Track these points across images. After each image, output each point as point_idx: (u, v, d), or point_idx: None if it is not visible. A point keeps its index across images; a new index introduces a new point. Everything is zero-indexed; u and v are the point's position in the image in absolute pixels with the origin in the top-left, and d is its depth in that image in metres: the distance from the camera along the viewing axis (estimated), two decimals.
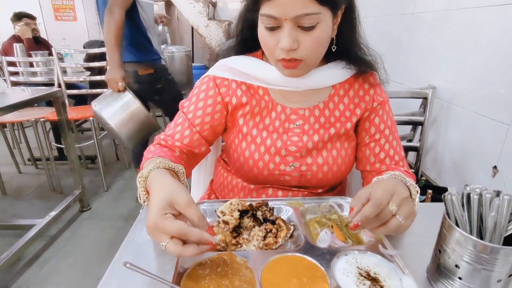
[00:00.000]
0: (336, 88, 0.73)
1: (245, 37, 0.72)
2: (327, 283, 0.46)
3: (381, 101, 0.73)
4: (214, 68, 0.75)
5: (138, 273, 0.44)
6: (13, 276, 1.55)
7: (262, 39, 0.64)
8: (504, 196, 0.44)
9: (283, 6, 0.56)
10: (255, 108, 0.71)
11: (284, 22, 0.58)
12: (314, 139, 0.70)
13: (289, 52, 0.60)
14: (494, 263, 0.42)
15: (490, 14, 0.96)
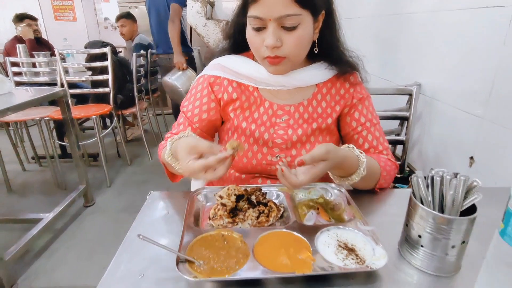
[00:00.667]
0: (319, 87, 0.80)
1: (236, 39, 0.80)
2: (310, 252, 0.53)
3: (360, 98, 0.81)
4: (208, 67, 0.83)
5: (149, 243, 0.52)
6: (22, 266, 1.63)
7: (249, 39, 0.72)
8: (461, 177, 0.52)
9: (268, 8, 0.64)
10: (245, 103, 0.79)
11: (269, 23, 0.66)
12: (298, 132, 0.78)
13: (273, 50, 0.68)
14: (449, 232, 0.50)
15: (469, 17, 1.04)
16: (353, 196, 0.70)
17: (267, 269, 0.49)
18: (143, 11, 4.07)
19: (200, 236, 0.57)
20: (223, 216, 0.62)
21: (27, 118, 2.34)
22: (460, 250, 0.51)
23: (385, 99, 1.50)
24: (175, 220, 0.66)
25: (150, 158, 2.98)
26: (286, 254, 0.53)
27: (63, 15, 4.65)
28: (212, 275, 0.49)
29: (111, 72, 2.50)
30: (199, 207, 0.68)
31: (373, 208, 0.73)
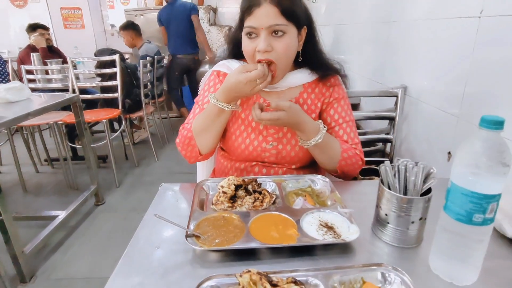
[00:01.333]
0: (305, 87, 0.94)
1: (234, 52, 0.95)
2: (295, 229, 0.64)
3: (336, 97, 0.94)
4: (216, 65, 0.98)
5: (163, 222, 0.64)
6: (40, 260, 1.75)
7: (244, 47, 0.85)
8: (420, 165, 0.63)
9: (260, 19, 0.79)
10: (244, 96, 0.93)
11: (261, 31, 0.80)
12: None
13: (264, 54, 0.81)
14: (410, 210, 0.61)
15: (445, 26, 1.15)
16: (337, 186, 0.81)
17: (259, 242, 0.61)
18: (149, 19, 4.23)
19: (204, 217, 0.68)
20: (224, 201, 0.73)
21: (42, 122, 2.48)
22: (419, 225, 0.62)
23: (377, 100, 1.61)
24: (183, 205, 0.78)
25: (157, 159, 3.10)
26: (276, 230, 0.64)
27: (72, 23, 4.82)
28: (214, 246, 0.60)
29: (119, 78, 2.63)
30: (203, 195, 0.79)
31: (353, 196, 0.83)
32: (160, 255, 0.61)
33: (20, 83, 1.92)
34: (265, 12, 0.78)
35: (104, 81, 2.72)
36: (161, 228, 0.68)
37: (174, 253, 0.61)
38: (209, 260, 0.60)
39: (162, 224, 0.67)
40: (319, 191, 0.81)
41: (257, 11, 0.79)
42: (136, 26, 3.54)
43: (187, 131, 0.91)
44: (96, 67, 2.85)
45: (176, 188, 0.87)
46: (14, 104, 1.83)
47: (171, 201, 0.80)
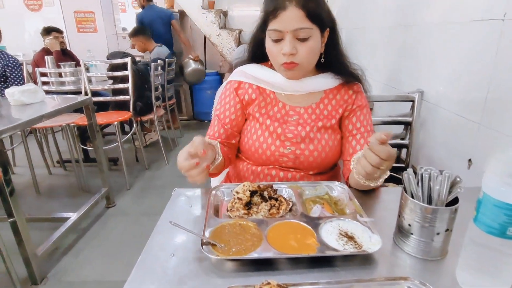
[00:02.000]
0: (326, 93, 0.92)
1: (254, 52, 0.95)
2: (314, 238, 0.62)
3: (359, 105, 0.91)
4: (233, 74, 0.98)
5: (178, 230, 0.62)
6: (52, 263, 1.76)
7: (268, 49, 0.85)
8: (445, 174, 0.60)
9: (285, 22, 0.78)
10: (262, 102, 0.93)
11: (286, 34, 0.80)
12: (306, 129, 0.90)
13: (289, 56, 0.81)
14: (434, 220, 0.58)
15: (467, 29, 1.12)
16: (355, 193, 0.79)
17: (278, 251, 0.59)
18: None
19: (220, 224, 0.66)
20: (239, 208, 0.72)
21: (55, 125, 2.51)
22: (445, 237, 0.59)
23: (391, 105, 1.57)
24: (197, 212, 0.76)
25: (167, 162, 3.11)
26: (294, 239, 0.62)
27: (85, 26, 4.90)
28: (231, 255, 0.58)
29: (131, 81, 2.65)
30: (218, 201, 0.78)
31: (372, 204, 0.81)
32: (175, 263, 0.59)
33: (34, 86, 1.95)
34: (291, 15, 0.78)
35: (116, 83, 2.75)
36: (176, 235, 0.66)
37: (189, 261, 0.60)
38: (225, 270, 0.58)
39: (176, 230, 0.65)
40: (337, 198, 0.79)
41: (283, 14, 0.78)
42: (145, 31, 3.57)
43: None
44: (108, 70, 2.87)
45: (189, 193, 0.85)
46: (28, 106, 1.85)
47: (185, 207, 0.79)
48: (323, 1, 0.82)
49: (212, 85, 4.45)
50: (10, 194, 1.41)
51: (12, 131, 1.48)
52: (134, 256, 0.62)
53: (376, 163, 0.63)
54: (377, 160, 0.63)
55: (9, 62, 2.65)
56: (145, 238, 0.66)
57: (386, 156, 0.63)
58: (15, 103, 1.86)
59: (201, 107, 4.57)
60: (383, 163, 0.64)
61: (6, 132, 1.42)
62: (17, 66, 2.69)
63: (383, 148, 0.63)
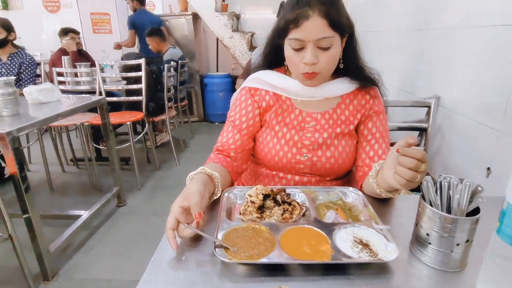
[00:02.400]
0: (343, 98, 0.91)
1: (271, 58, 0.93)
2: (329, 245, 0.61)
3: (376, 110, 0.90)
4: (247, 81, 0.96)
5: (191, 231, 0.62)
6: (63, 259, 1.78)
7: (289, 58, 0.83)
8: (466, 183, 0.58)
9: (308, 32, 0.77)
10: (279, 109, 0.91)
11: (308, 44, 0.78)
12: (324, 136, 0.88)
13: (311, 66, 0.79)
14: (454, 231, 0.56)
15: (487, 34, 1.09)
16: (369, 200, 0.78)
17: (291, 257, 0.58)
18: (174, 24, 4.33)
19: (232, 227, 0.66)
20: (252, 212, 0.71)
21: (69, 123, 2.55)
22: (465, 248, 0.57)
23: (407, 110, 1.55)
24: (210, 214, 0.76)
25: (178, 163, 3.13)
26: (308, 245, 0.61)
27: (100, 28, 4.99)
28: (244, 259, 0.57)
29: (144, 82, 2.69)
30: (231, 204, 0.77)
31: (388, 211, 0.79)
32: (188, 265, 0.59)
33: (51, 85, 1.99)
34: (313, 25, 0.76)
35: (130, 84, 2.78)
36: (188, 238, 0.66)
37: (201, 264, 0.59)
38: (238, 274, 0.58)
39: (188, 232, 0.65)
40: (351, 204, 0.78)
41: (305, 24, 0.76)
42: (160, 32, 3.63)
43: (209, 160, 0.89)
44: (121, 71, 2.92)
45: None
46: (45, 105, 1.90)
47: None
48: (343, 7, 0.80)
49: (224, 87, 4.47)
50: (26, 190, 1.44)
51: (30, 129, 1.51)
52: (143, 255, 0.62)
53: (414, 165, 0.60)
54: (414, 163, 0.60)
55: (25, 60, 2.72)
56: (154, 238, 0.66)
57: (421, 156, 0.60)
58: (32, 101, 1.90)
59: (212, 108, 4.60)
60: (421, 165, 0.61)
61: (24, 130, 1.46)
62: (32, 65, 2.75)
63: (416, 149, 0.61)
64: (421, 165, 0.61)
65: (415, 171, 0.61)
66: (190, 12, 4.33)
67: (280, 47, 0.86)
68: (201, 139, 4.01)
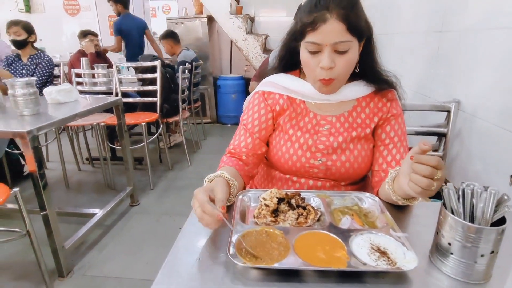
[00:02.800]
0: (359, 101, 0.89)
1: (286, 60, 0.92)
2: (345, 251, 0.59)
3: (394, 113, 0.87)
4: (261, 85, 0.94)
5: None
6: (77, 256, 1.81)
7: (305, 61, 0.81)
8: (491, 191, 0.56)
9: (325, 35, 0.75)
10: (293, 113, 0.90)
11: (325, 48, 0.76)
12: (339, 139, 0.86)
13: (327, 71, 0.77)
14: (479, 241, 0.54)
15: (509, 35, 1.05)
16: (386, 206, 0.75)
17: (305, 262, 0.56)
18: (189, 27, 4.38)
19: (246, 230, 0.65)
20: (266, 215, 0.70)
21: (86, 123, 2.61)
22: (489, 259, 0.55)
23: (423, 114, 1.51)
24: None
25: (190, 164, 3.15)
26: (323, 251, 0.60)
27: None
28: (258, 263, 0.57)
29: (159, 83, 2.72)
30: (244, 207, 0.76)
31: (406, 218, 0.77)
32: (201, 267, 0.59)
33: (70, 85, 2.04)
34: (331, 29, 0.74)
35: (145, 85, 2.82)
36: (202, 239, 0.66)
37: (215, 266, 0.59)
38: (251, 278, 0.57)
39: (202, 235, 0.65)
40: (367, 210, 0.76)
41: (323, 27, 0.74)
42: (174, 35, 3.67)
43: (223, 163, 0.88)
44: (137, 73, 2.96)
45: None
46: (63, 105, 1.94)
47: None
48: (362, 11, 0.78)
49: (237, 89, 4.49)
50: (43, 188, 1.47)
51: (49, 128, 1.55)
52: (154, 255, 0.62)
53: (429, 173, 0.58)
54: (429, 170, 0.58)
55: (42, 61, 2.80)
56: (166, 238, 0.66)
57: (436, 163, 0.58)
58: (51, 101, 1.95)
59: (225, 110, 4.62)
60: (437, 173, 0.59)
61: (43, 129, 1.49)
62: (47, 66, 2.83)
63: (430, 156, 0.59)
64: (436, 172, 0.59)
65: (431, 178, 0.59)
66: (205, 15, 4.37)
67: (295, 50, 0.84)
68: (214, 140, 4.03)
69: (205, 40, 4.40)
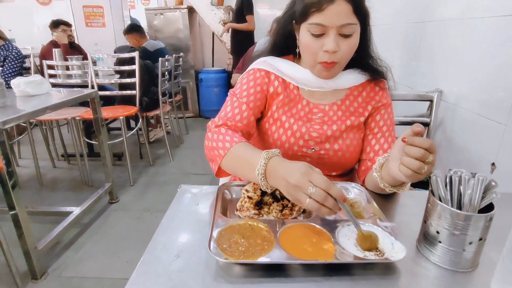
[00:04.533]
0: (351, 90, 0.86)
1: (280, 43, 0.87)
2: (331, 243, 0.57)
3: (384, 103, 0.86)
4: (257, 63, 0.88)
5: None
6: (52, 257, 1.72)
7: (307, 44, 0.76)
8: (479, 177, 0.55)
9: (331, 17, 0.71)
10: (286, 98, 0.85)
11: (330, 30, 0.72)
12: (333, 128, 0.84)
13: (331, 55, 0.74)
14: (467, 228, 0.52)
15: (493, 25, 1.05)
16: (373, 196, 0.74)
17: (291, 256, 0.54)
18: (169, 18, 4.25)
19: (228, 224, 0.62)
20: (249, 208, 0.67)
21: (60, 118, 2.48)
22: (477, 247, 0.54)
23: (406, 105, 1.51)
24: (205, 210, 0.71)
25: (171, 159, 3.07)
26: (309, 243, 0.57)
27: (93, 21, 4.89)
28: (241, 259, 0.53)
29: (138, 76, 2.62)
30: (227, 199, 0.73)
31: (392, 208, 0.75)
32: (180, 265, 0.55)
33: (40, 77, 1.92)
34: (338, 10, 0.70)
35: (123, 78, 2.71)
36: (181, 235, 0.62)
37: (195, 264, 0.55)
38: (234, 275, 0.53)
39: (181, 230, 0.61)
40: (353, 200, 0.73)
41: (330, 8, 0.70)
42: (138, 28, 3.53)
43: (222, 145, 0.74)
44: (115, 64, 2.84)
45: (195, 191, 0.80)
46: (33, 98, 1.83)
47: (191, 205, 0.74)
48: None
49: (220, 83, 4.41)
50: (13, 187, 1.38)
51: (16, 121, 1.45)
52: (135, 253, 0.58)
53: (422, 155, 0.56)
54: (422, 152, 0.56)
55: (11, 54, 2.64)
56: (147, 235, 0.61)
57: (429, 146, 0.57)
58: (20, 94, 1.83)
59: (208, 104, 4.53)
60: (429, 155, 0.57)
61: (10, 122, 1.39)
62: (17, 59, 2.67)
63: (423, 138, 0.57)
64: (428, 155, 0.57)
65: (422, 161, 0.57)
66: (185, 6, 4.25)
67: (291, 33, 0.81)
68: (196, 135, 3.95)
69: (186, 32, 4.29)
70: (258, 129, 0.90)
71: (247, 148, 0.71)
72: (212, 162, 0.78)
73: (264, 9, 4.41)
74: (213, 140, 0.77)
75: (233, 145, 0.72)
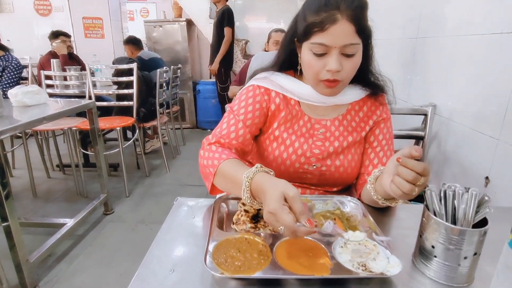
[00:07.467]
0: (352, 105, 0.87)
1: (284, 60, 0.87)
2: (328, 257, 0.57)
3: (384, 118, 0.87)
4: (255, 79, 0.88)
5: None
6: (44, 270, 1.69)
7: (309, 63, 0.76)
8: (472, 192, 0.55)
9: (334, 37, 0.71)
10: (288, 115, 0.85)
11: (333, 50, 0.72)
12: (335, 144, 0.84)
13: (334, 74, 0.74)
14: (462, 243, 0.53)
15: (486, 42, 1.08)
16: (369, 210, 0.74)
17: (287, 270, 0.53)
18: (167, 30, 4.30)
19: (225, 238, 0.61)
20: (245, 221, 0.67)
21: (56, 128, 2.47)
22: (472, 261, 0.54)
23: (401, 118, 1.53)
24: (201, 223, 0.71)
25: (168, 170, 3.06)
26: (306, 258, 0.57)
27: (92, 32, 4.93)
28: (237, 273, 0.53)
29: (136, 87, 2.63)
30: (223, 213, 0.73)
31: (388, 222, 0.75)
32: (175, 279, 0.54)
33: (37, 87, 1.92)
34: (341, 30, 0.70)
35: (121, 89, 2.73)
36: (176, 248, 0.61)
37: (190, 278, 0.55)
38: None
39: (177, 243, 0.61)
40: (349, 214, 0.74)
41: (333, 28, 0.70)
42: (134, 41, 3.60)
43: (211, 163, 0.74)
44: (113, 75, 2.86)
45: (192, 203, 0.80)
46: (30, 108, 1.83)
47: (187, 218, 0.74)
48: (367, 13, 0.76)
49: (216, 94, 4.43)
50: (6, 197, 1.36)
51: (13, 131, 1.44)
52: (129, 265, 0.57)
53: (413, 178, 0.57)
54: (413, 175, 0.57)
55: (10, 64, 2.65)
56: (142, 247, 0.61)
57: (422, 170, 0.57)
58: (17, 104, 1.83)
59: (205, 115, 4.55)
60: (420, 179, 0.58)
61: (6, 133, 1.39)
62: (16, 69, 2.68)
63: (416, 162, 0.58)
64: (420, 178, 0.58)
65: (413, 184, 0.58)
66: (184, 19, 4.31)
67: (293, 51, 0.81)
68: (193, 146, 3.95)
69: (184, 44, 4.34)
70: (257, 146, 0.90)
71: (233, 166, 0.71)
72: (206, 180, 0.78)
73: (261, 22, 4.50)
74: (204, 158, 0.77)
75: (221, 162, 0.72)
